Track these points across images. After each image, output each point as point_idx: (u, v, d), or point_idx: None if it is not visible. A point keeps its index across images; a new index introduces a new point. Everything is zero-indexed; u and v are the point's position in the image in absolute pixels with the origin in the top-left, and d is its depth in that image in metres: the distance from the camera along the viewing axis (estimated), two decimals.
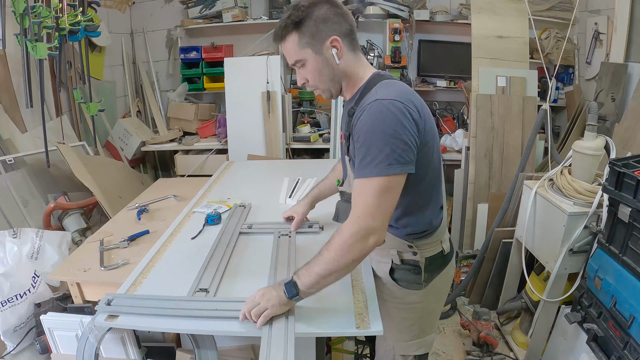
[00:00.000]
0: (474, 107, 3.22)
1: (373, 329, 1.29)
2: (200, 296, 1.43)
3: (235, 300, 1.36)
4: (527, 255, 2.55)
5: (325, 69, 1.37)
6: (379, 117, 1.22)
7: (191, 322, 1.33)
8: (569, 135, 3.40)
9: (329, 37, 1.32)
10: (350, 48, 1.38)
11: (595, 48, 3.61)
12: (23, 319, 2.05)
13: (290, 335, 1.23)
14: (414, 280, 1.49)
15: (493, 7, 3.28)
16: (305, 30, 1.32)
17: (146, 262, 1.69)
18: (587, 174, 2.20)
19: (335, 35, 1.33)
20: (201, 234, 1.93)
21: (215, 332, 1.35)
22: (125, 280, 1.57)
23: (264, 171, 3.08)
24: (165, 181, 3.16)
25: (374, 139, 1.21)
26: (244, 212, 2.12)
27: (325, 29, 1.32)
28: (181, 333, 1.68)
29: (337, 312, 1.36)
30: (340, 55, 1.35)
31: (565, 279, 2.26)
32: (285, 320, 1.28)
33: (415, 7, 4.12)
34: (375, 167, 1.20)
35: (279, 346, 1.20)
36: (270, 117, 3.73)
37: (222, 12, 4.23)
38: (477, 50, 3.26)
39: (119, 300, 1.42)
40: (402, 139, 1.21)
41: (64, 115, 3.45)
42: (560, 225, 2.15)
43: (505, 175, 3.20)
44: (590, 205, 2.09)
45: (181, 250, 1.80)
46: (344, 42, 1.35)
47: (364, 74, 1.41)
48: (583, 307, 2.07)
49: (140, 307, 1.38)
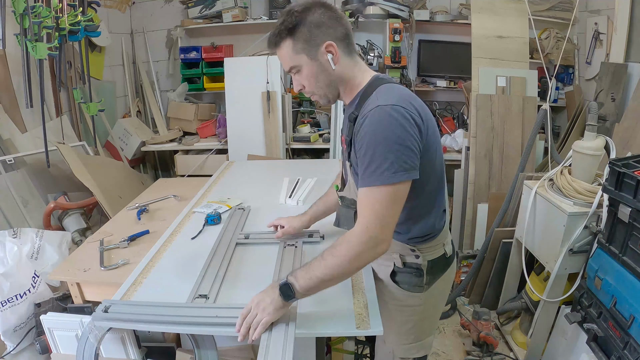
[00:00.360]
0: (474, 107, 3.22)
1: (373, 329, 1.29)
2: (200, 302, 1.42)
3: (236, 306, 1.33)
4: (527, 255, 2.55)
5: (321, 74, 1.34)
6: (381, 124, 1.20)
7: (191, 328, 1.32)
8: (569, 135, 3.41)
9: (324, 42, 1.29)
10: (346, 52, 1.35)
11: (595, 48, 3.61)
12: (23, 319, 2.05)
13: (289, 336, 1.22)
14: (416, 283, 1.48)
15: (493, 7, 3.28)
16: (299, 36, 1.29)
17: (146, 262, 1.69)
18: (587, 174, 2.20)
19: (330, 40, 1.29)
20: (201, 234, 1.93)
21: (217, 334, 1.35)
22: (125, 281, 1.57)
23: (263, 171, 3.08)
24: (165, 181, 3.17)
25: (378, 147, 1.19)
26: (242, 217, 2.10)
27: (320, 34, 1.29)
28: (181, 333, 1.67)
29: (337, 313, 1.36)
30: (336, 60, 1.32)
31: (565, 279, 2.25)
32: (286, 321, 1.28)
33: (415, 7, 4.12)
34: (381, 176, 1.19)
35: (278, 347, 1.19)
36: (270, 117, 3.73)
37: (222, 12, 4.24)
38: (477, 50, 3.26)
39: (116, 307, 1.40)
40: (406, 145, 1.19)
41: (64, 115, 3.45)
42: (560, 225, 2.14)
43: (505, 175, 3.20)
44: (590, 205, 2.09)
45: (181, 250, 1.80)
46: (340, 46, 1.32)
47: (362, 78, 1.38)
48: (583, 307, 2.07)
49: (138, 315, 1.37)
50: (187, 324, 1.32)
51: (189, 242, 1.87)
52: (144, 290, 1.52)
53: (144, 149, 4.11)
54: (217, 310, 1.36)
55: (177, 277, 1.59)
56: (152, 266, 1.67)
